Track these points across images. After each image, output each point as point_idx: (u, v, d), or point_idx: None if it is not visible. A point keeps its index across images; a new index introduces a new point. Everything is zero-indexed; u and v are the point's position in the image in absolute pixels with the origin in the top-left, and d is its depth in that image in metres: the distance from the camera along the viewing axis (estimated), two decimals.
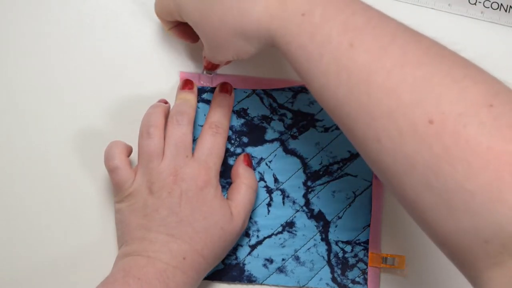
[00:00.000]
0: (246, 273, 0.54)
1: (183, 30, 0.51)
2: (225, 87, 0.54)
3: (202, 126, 0.54)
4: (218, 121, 0.52)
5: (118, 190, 0.50)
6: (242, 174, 0.53)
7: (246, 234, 0.55)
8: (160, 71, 0.56)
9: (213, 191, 0.49)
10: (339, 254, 0.55)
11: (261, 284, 0.55)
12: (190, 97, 0.53)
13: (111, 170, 0.50)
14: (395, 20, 0.41)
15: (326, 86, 0.40)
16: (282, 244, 0.55)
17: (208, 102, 0.55)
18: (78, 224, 0.54)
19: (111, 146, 0.51)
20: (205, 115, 0.55)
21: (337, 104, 0.39)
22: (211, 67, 0.53)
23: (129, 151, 0.52)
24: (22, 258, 0.54)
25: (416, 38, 0.39)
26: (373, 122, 0.38)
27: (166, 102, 0.53)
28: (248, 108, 0.55)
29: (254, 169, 0.55)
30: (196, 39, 0.52)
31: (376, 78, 0.37)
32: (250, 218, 0.54)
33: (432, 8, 0.58)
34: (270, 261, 0.55)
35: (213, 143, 0.51)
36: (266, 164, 0.55)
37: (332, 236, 0.55)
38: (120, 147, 0.51)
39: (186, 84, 0.53)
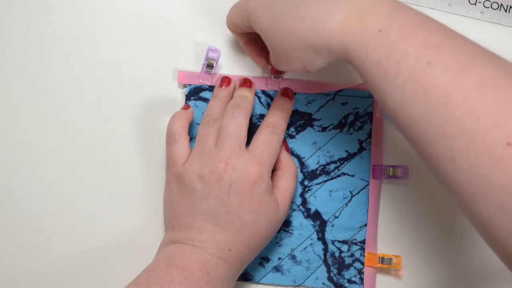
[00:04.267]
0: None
1: (257, 47, 0.52)
2: (286, 92, 0.54)
3: (199, 124, 0.54)
4: (277, 121, 0.52)
5: (171, 166, 0.51)
6: (286, 162, 0.53)
7: None
8: (158, 70, 0.56)
9: (264, 185, 0.49)
10: (335, 253, 0.55)
11: (257, 283, 0.55)
12: (248, 93, 0.53)
13: (170, 144, 0.51)
14: (472, 41, 0.40)
15: (401, 103, 0.39)
16: (278, 243, 0.55)
17: (206, 100, 0.55)
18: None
19: (175, 119, 0.52)
20: (202, 113, 0.55)
21: (412, 121, 0.39)
22: (276, 72, 0.54)
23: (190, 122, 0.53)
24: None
25: (495, 59, 0.39)
26: (449, 142, 0.37)
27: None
28: None
29: None
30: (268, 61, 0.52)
31: (455, 98, 0.37)
32: None
33: (432, 8, 0.57)
34: (267, 259, 0.55)
35: (269, 140, 0.51)
36: None
37: (328, 236, 0.55)
38: (183, 122, 0.52)
39: (245, 82, 0.54)
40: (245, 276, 0.55)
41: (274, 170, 0.52)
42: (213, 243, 0.47)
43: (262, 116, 0.55)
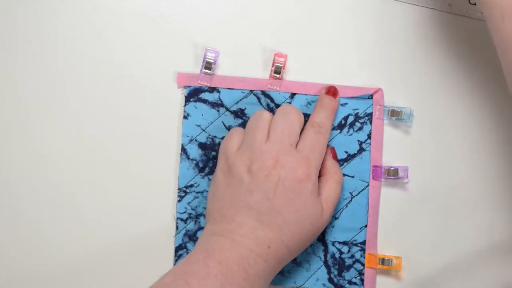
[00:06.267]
0: None
1: None
2: (331, 90, 0.54)
3: (198, 126, 0.55)
4: (321, 121, 0.52)
5: (222, 154, 0.51)
6: (332, 168, 0.53)
7: None
8: (158, 70, 0.56)
9: (310, 186, 0.49)
10: (335, 254, 0.55)
11: None
12: None
13: (228, 133, 0.52)
14: None
15: None
16: None
17: (205, 101, 0.55)
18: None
19: (233, 130, 0.53)
20: (202, 114, 0.55)
21: None
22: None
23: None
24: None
25: None
26: None
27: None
28: (245, 108, 0.55)
29: None
30: None
31: None
32: None
33: (432, 8, 0.57)
34: None
35: (315, 140, 0.51)
36: None
37: (329, 237, 0.55)
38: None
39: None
40: None
41: (319, 176, 0.52)
42: (253, 238, 0.47)
43: None
